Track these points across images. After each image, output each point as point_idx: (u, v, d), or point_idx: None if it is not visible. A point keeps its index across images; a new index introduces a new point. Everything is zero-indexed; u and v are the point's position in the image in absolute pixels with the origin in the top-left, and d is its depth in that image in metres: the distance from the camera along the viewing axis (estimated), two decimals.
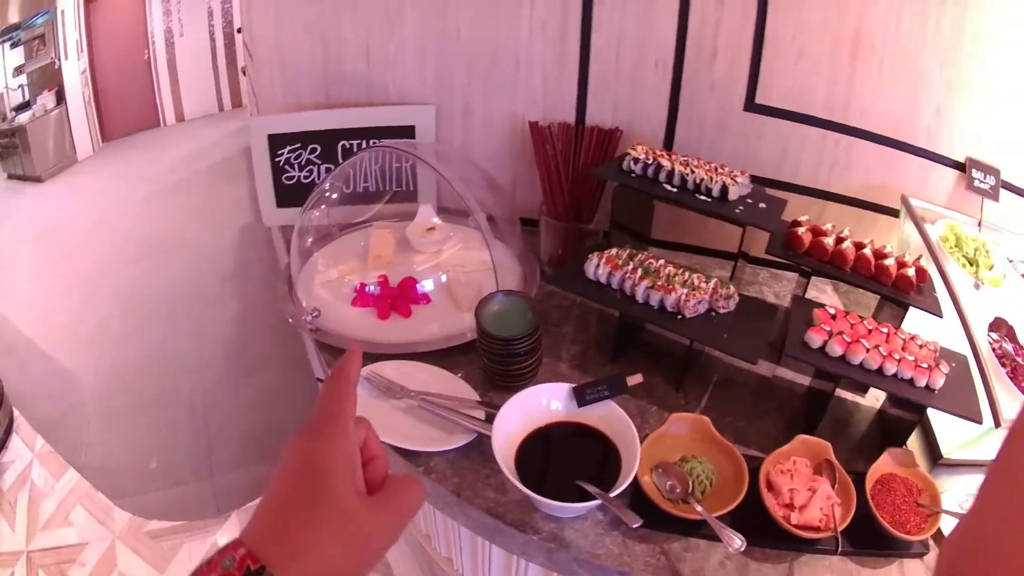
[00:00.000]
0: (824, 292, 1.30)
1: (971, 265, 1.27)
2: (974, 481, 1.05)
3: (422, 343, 1.02)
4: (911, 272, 1.06)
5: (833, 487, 0.85)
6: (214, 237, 1.32)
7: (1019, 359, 1.14)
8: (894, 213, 1.31)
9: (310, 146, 1.28)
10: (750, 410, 0.99)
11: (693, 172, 1.04)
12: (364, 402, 0.92)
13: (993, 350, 1.13)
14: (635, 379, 0.87)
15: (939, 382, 0.91)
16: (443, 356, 1.02)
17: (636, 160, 1.07)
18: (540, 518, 0.82)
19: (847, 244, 1.05)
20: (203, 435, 1.52)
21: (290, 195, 1.31)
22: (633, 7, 1.16)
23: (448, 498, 0.86)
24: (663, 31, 1.16)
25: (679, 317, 0.93)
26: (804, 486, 0.85)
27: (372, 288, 1.09)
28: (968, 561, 0.41)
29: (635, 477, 0.79)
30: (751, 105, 1.20)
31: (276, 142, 1.30)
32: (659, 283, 0.94)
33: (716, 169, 1.06)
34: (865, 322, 0.99)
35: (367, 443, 0.45)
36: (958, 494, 1.00)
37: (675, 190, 1.05)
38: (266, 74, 1.32)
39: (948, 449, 1.07)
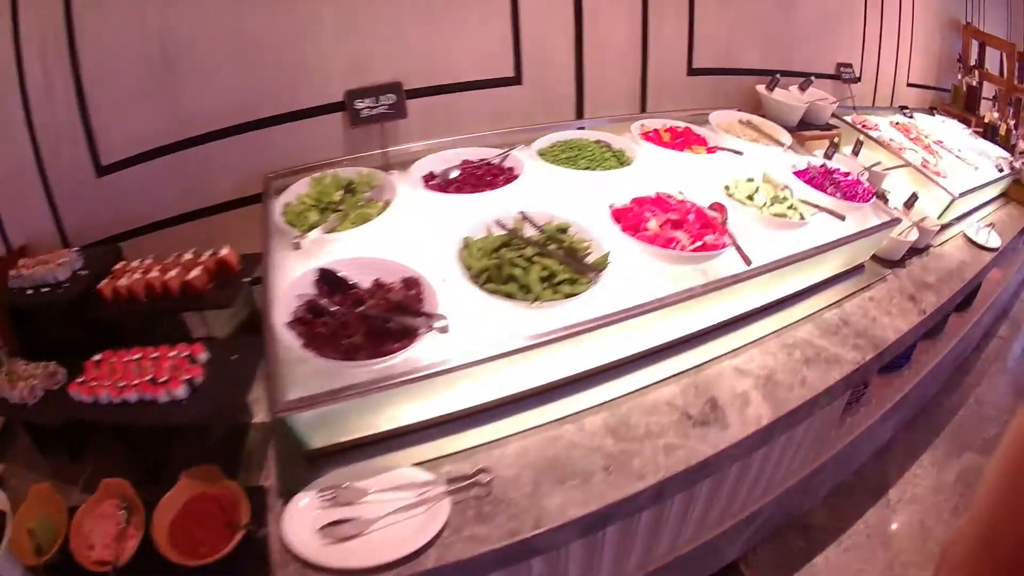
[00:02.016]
0: None
1: (330, 213, 1.27)
2: (345, 470, 1.07)
3: None
4: (195, 273, 1.15)
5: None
6: None
7: (341, 307, 1.08)
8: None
9: None
10: (149, 462, 1.13)
11: (29, 271, 1.26)
12: None
13: (297, 314, 1.10)
14: None
15: (180, 392, 1.02)
16: None
17: (15, 276, 1.31)
18: None
19: (136, 276, 1.17)
20: None
21: None
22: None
23: None
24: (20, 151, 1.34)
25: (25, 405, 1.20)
26: (101, 527, 1.02)
27: None
28: (973, 560, 0.41)
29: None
30: (101, 170, 1.34)
31: None
32: (12, 383, 1.22)
33: (47, 262, 1.26)
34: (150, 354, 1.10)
35: None
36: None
37: (30, 292, 1.27)
38: None
39: (312, 441, 1.07)
